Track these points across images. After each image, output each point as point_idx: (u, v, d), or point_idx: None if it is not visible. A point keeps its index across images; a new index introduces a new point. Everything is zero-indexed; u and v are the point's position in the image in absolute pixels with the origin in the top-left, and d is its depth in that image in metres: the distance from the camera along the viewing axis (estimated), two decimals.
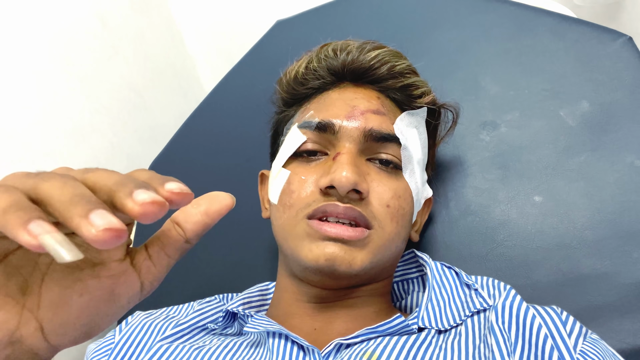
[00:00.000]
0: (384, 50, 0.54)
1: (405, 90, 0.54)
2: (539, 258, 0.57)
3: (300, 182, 0.49)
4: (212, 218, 0.30)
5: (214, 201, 0.30)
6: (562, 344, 0.39)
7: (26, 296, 0.28)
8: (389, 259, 0.50)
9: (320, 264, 0.45)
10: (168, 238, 0.31)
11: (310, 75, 0.55)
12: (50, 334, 0.28)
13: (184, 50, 1.17)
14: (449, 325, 0.47)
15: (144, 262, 0.30)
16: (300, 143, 0.51)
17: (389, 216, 0.48)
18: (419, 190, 0.52)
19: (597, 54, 0.64)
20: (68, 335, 0.28)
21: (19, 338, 0.27)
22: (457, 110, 0.59)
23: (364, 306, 0.50)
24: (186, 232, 0.30)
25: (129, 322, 0.53)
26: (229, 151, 0.81)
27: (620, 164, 0.58)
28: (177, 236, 0.31)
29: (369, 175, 0.48)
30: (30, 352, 0.28)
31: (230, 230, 0.75)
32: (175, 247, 0.31)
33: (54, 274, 0.28)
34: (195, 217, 0.30)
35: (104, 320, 0.30)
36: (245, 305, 0.56)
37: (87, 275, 0.29)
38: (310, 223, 0.46)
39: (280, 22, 0.87)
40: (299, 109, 0.56)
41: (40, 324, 0.28)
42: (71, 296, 0.28)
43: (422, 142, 0.54)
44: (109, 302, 0.29)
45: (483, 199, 0.62)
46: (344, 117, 0.50)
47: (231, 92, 0.86)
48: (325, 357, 0.44)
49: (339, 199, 0.46)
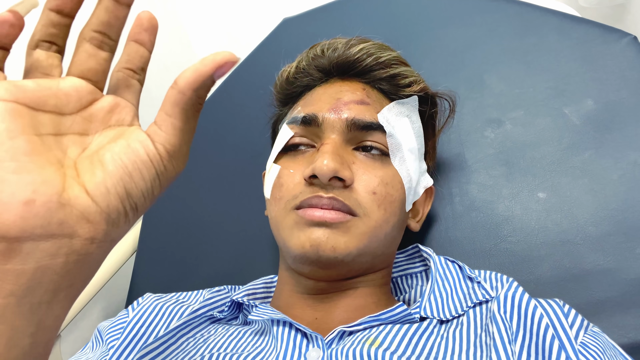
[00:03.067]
0: (369, 44, 0.55)
1: (392, 80, 0.55)
2: (543, 254, 0.57)
3: (288, 175, 0.50)
4: (206, 65, 0.29)
5: (212, 55, 0.30)
6: (564, 334, 0.39)
7: (64, 166, 0.29)
8: (379, 247, 0.50)
9: (306, 249, 0.46)
10: (165, 98, 0.31)
11: (300, 74, 0.57)
12: (95, 192, 0.28)
13: (189, 49, 1.18)
14: (451, 315, 0.47)
15: (152, 127, 0.31)
16: (288, 138, 0.52)
17: (375, 203, 0.48)
18: (411, 178, 0.52)
19: (602, 53, 0.64)
20: (111, 193, 0.29)
21: (68, 200, 0.27)
22: (452, 98, 0.59)
23: (363, 297, 0.51)
24: (179, 81, 0.30)
25: (140, 303, 0.54)
26: (234, 148, 0.82)
27: (623, 161, 0.58)
28: (171, 91, 0.31)
29: (355, 164, 0.49)
30: (83, 218, 0.28)
31: (237, 226, 0.76)
32: (171, 103, 0.30)
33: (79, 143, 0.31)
34: (188, 68, 0.30)
35: (139, 182, 0.30)
36: (250, 296, 0.57)
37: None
38: (298, 212, 0.47)
39: (287, 20, 0.88)
40: (291, 107, 0.58)
41: (84, 185, 0.28)
42: (104, 160, 0.29)
43: (416, 131, 0.55)
44: (131, 155, 0.30)
45: (487, 195, 0.62)
46: (327, 109, 0.51)
47: (237, 90, 0.87)
48: (329, 344, 0.44)
49: (322, 187, 0.47)
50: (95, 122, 0.32)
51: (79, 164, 0.30)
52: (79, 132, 0.31)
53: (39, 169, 0.27)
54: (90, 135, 0.31)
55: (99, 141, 0.31)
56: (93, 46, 0.32)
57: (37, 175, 0.26)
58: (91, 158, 0.30)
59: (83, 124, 0.31)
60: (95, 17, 0.32)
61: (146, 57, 0.34)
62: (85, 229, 0.28)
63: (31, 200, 0.26)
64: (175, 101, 0.30)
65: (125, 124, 0.33)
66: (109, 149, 0.30)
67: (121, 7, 0.32)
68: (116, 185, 0.29)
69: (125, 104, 0.33)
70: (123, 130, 0.32)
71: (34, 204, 0.26)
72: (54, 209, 0.26)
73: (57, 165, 0.28)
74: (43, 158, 0.27)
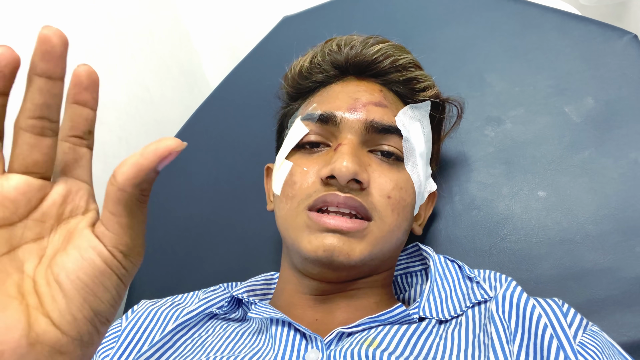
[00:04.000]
0: (388, 44, 0.54)
1: (408, 84, 0.54)
2: (542, 252, 0.57)
3: (302, 173, 0.49)
4: (147, 158, 0.26)
5: (152, 144, 0.26)
6: (562, 334, 0.39)
7: (24, 294, 0.27)
8: (389, 251, 0.50)
9: (319, 254, 0.45)
10: (106, 195, 0.28)
11: (315, 69, 0.56)
12: (62, 322, 0.27)
13: (190, 46, 1.18)
14: (450, 315, 0.47)
15: (99, 228, 0.29)
16: (302, 135, 0.51)
17: (389, 207, 0.48)
18: (421, 183, 0.53)
19: (603, 52, 0.64)
20: (78, 319, 0.27)
21: (36, 339, 0.26)
22: (461, 104, 0.59)
23: (365, 297, 0.51)
24: (117, 176, 0.27)
25: (135, 310, 0.54)
26: (234, 145, 0.82)
27: (624, 160, 0.58)
28: (110, 187, 0.27)
29: (370, 167, 0.49)
30: (56, 352, 0.26)
31: (236, 223, 0.75)
32: (112, 200, 0.27)
33: (40, 268, 0.28)
34: (126, 161, 0.27)
35: (103, 296, 0.28)
36: (250, 293, 0.56)
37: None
38: (310, 215, 0.46)
39: (287, 18, 0.88)
40: (303, 102, 0.57)
41: (48, 316, 0.27)
42: (62, 281, 0.27)
43: (426, 136, 0.55)
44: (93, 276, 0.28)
45: (487, 194, 0.62)
46: (346, 109, 0.51)
47: (237, 88, 0.87)
48: (327, 345, 0.44)
49: (339, 188, 0.47)
50: (48, 220, 0.29)
51: (38, 284, 0.27)
52: (33, 239, 0.28)
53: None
54: (46, 238, 0.29)
55: (54, 244, 0.29)
56: (34, 135, 0.28)
57: (0, 322, 0.25)
58: (48, 278, 0.27)
59: (36, 228, 0.28)
60: (29, 102, 0.27)
61: (92, 118, 0.30)
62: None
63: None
64: (116, 199, 0.27)
65: (80, 212, 0.30)
66: (62, 265, 0.27)
67: (56, 82, 0.27)
68: (81, 309, 0.27)
69: (78, 188, 0.30)
70: (73, 230, 0.29)
71: (3, 356, 0.24)
72: (24, 353, 0.25)
73: (18, 299, 0.26)
74: (1, 294, 0.26)
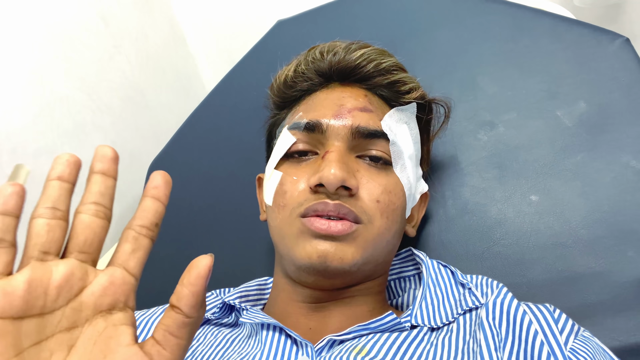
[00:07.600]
0: (370, 49, 0.55)
1: (392, 87, 0.54)
2: (535, 257, 0.57)
3: (292, 183, 0.49)
4: (197, 284, 0.30)
5: (192, 269, 0.30)
6: (553, 340, 0.39)
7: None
8: (381, 254, 0.50)
9: (313, 260, 0.45)
10: (168, 319, 0.31)
11: (299, 78, 0.56)
12: None
13: (185, 50, 1.18)
14: (442, 322, 0.47)
15: (153, 347, 0.30)
16: (290, 144, 0.52)
17: (378, 211, 0.48)
18: (411, 185, 0.53)
19: (595, 55, 0.64)
20: None
21: None
22: (448, 104, 0.59)
23: (359, 305, 0.51)
24: (182, 308, 0.30)
25: None
26: (229, 150, 0.82)
27: (616, 164, 0.58)
28: (175, 315, 0.30)
29: (359, 172, 0.49)
30: None
31: (230, 228, 0.75)
32: (178, 325, 0.30)
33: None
34: (182, 292, 0.30)
35: None
36: (242, 299, 0.56)
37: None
38: (303, 220, 0.47)
39: (282, 22, 0.88)
40: (290, 111, 0.57)
41: None
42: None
43: (414, 138, 0.55)
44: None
45: (480, 198, 0.62)
46: (332, 116, 0.51)
47: (232, 92, 0.87)
48: (318, 352, 0.44)
49: (328, 196, 0.47)
50: (85, 310, 0.29)
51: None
52: (66, 328, 0.29)
53: None
54: (79, 327, 0.29)
55: (85, 339, 0.29)
56: (89, 215, 0.31)
57: None
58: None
59: (72, 317, 0.29)
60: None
61: (161, 212, 0.33)
62: None
63: None
64: (182, 324, 0.30)
65: (117, 308, 0.31)
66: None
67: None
68: None
69: (122, 282, 0.31)
70: (111, 336, 0.30)
71: None
72: None
73: None
74: None
